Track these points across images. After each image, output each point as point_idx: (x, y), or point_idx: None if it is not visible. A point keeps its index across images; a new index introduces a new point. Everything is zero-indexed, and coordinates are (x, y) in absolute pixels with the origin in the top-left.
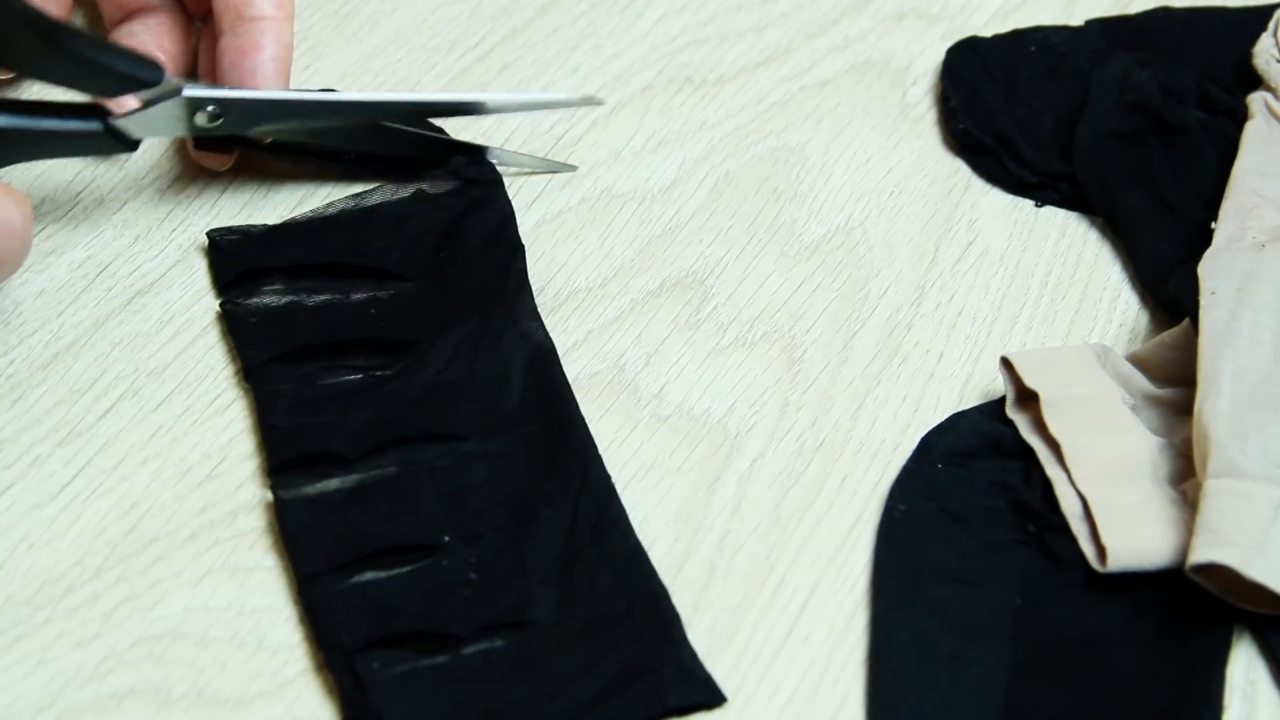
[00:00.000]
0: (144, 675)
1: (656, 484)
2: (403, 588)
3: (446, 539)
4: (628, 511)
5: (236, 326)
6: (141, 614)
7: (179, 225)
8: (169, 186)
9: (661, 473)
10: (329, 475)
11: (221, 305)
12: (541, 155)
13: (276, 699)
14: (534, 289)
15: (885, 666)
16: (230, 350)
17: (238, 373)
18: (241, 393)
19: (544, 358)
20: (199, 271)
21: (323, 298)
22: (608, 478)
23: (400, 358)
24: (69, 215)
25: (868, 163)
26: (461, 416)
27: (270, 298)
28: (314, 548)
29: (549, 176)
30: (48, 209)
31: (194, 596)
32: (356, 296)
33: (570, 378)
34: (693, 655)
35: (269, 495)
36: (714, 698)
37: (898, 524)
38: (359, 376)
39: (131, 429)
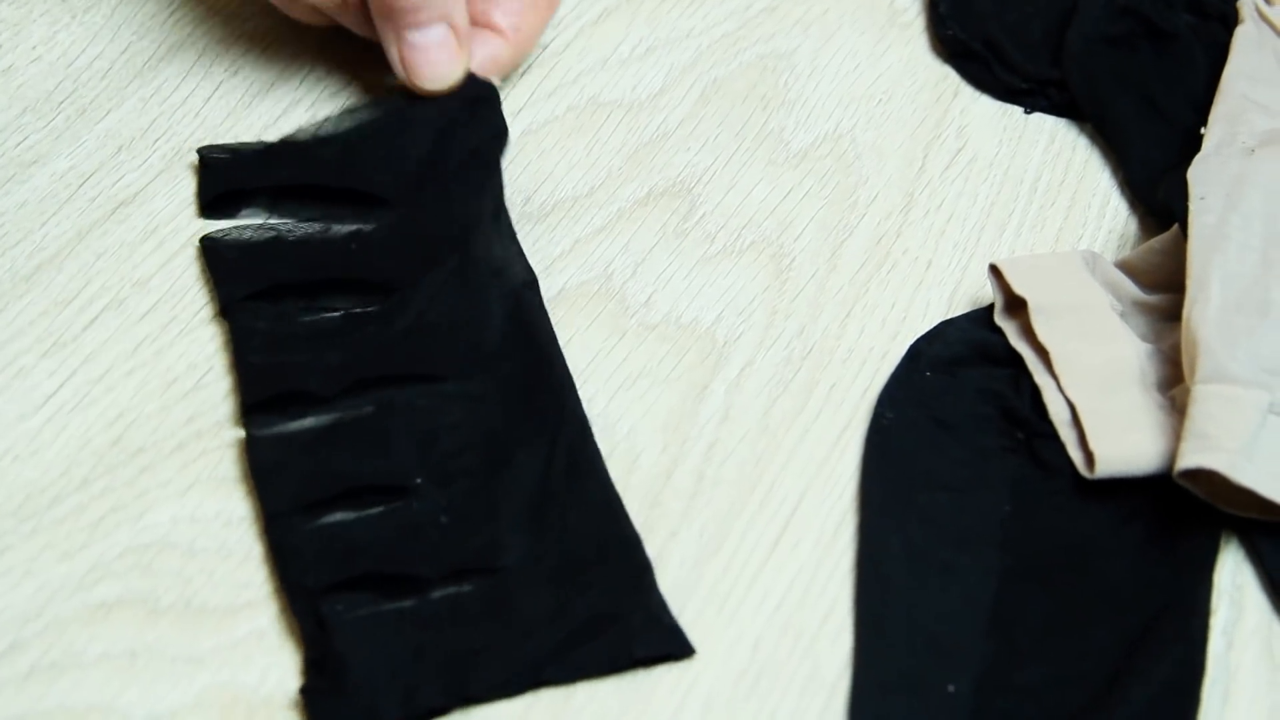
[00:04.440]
0: (131, 585)
1: (644, 393)
2: (371, 529)
3: (419, 480)
4: (616, 420)
5: (215, 261)
6: (129, 524)
7: (163, 135)
8: (152, 96)
9: (649, 381)
10: (303, 414)
11: (201, 240)
12: (527, 62)
13: (264, 608)
14: (521, 199)
15: (874, 573)
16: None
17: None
18: None
19: (524, 294)
20: (183, 181)
21: (305, 230)
22: (584, 418)
23: (381, 297)
24: (50, 125)
25: (856, 69)
26: (440, 357)
27: (250, 232)
28: (283, 486)
29: (535, 85)
30: (28, 119)
31: (181, 507)
32: (338, 230)
33: (557, 287)
34: (661, 604)
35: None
36: (682, 648)
37: (886, 431)
38: (338, 315)
39: (117, 340)
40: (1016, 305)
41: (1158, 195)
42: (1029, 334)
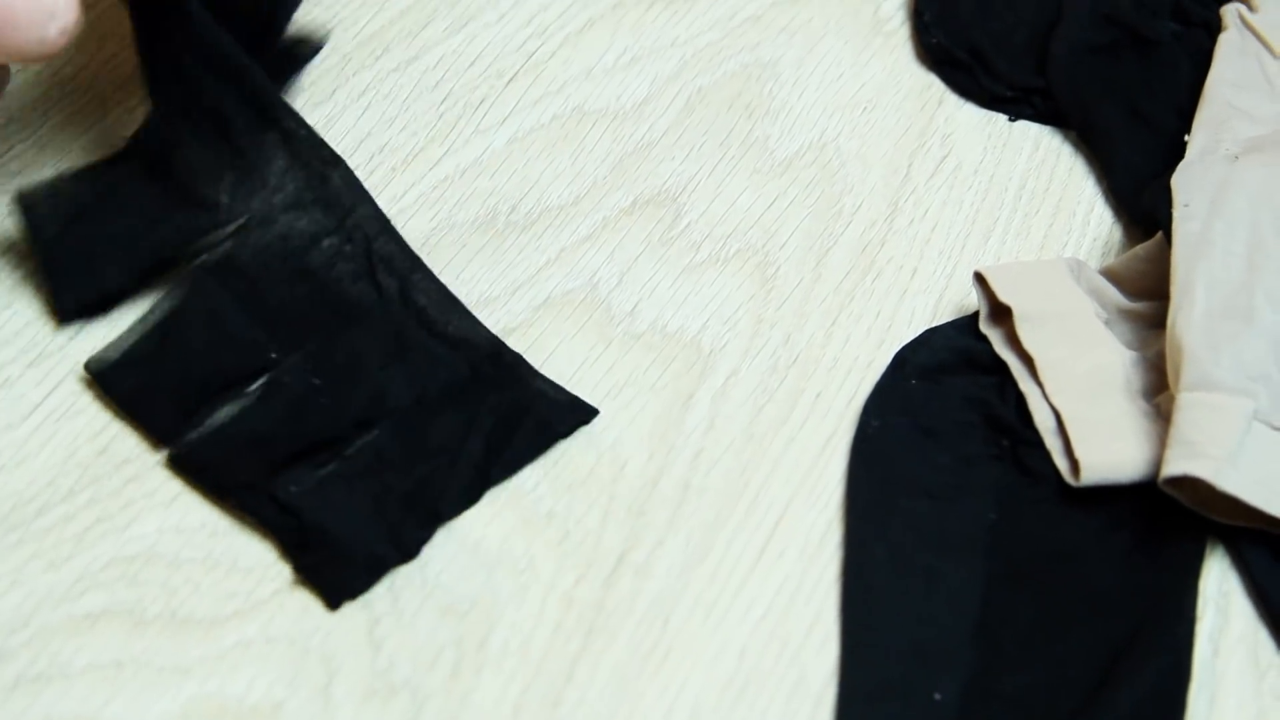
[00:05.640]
0: (118, 596)
1: (630, 402)
2: (262, 417)
3: (273, 355)
4: (603, 429)
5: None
6: (115, 535)
7: None
8: (137, 105)
9: (635, 390)
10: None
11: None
12: (512, 71)
13: (251, 618)
14: (507, 207)
15: (860, 581)
16: None
17: None
18: None
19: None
20: None
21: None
22: (396, 235)
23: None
24: (35, 136)
25: (840, 78)
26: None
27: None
28: (158, 409)
29: (520, 93)
30: (13, 129)
31: (167, 517)
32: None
33: (543, 296)
34: (552, 384)
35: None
36: (588, 412)
37: (872, 439)
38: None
39: (101, 348)
40: (1001, 313)
41: (1142, 202)
42: (1014, 341)
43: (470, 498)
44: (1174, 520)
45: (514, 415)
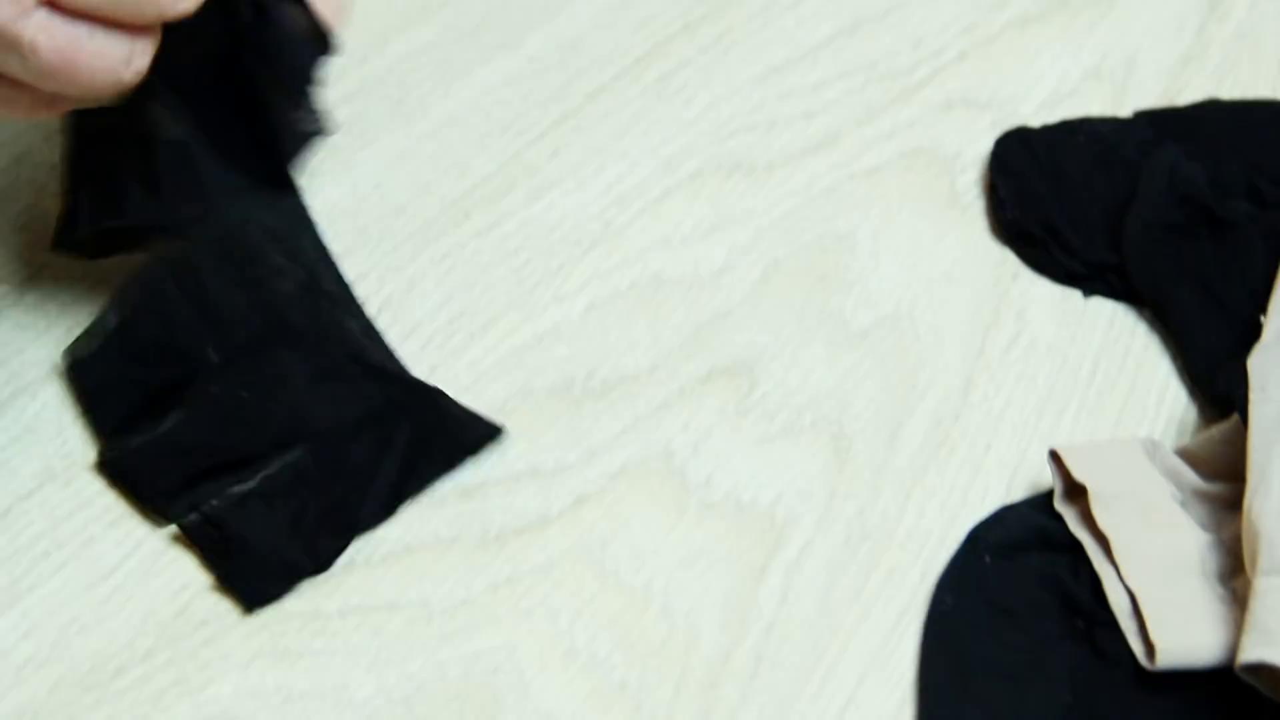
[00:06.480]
0: None
1: (703, 573)
2: (189, 426)
3: (213, 357)
4: (675, 599)
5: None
6: (190, 696)
7: None
8: None
9: (709, 561)
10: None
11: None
12: (590, 239)
13: None
14: (584, 374)
15: None
16: None
17: None
18: None
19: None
20: None
21: None
22: (334, 264)
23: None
24: None
25: (916, 251)
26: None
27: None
28: (110, 410)
29: (598, 262)
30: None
31: (243, 680)
32: None
33: (618, 465)
34: (459, 406)
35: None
36: (495, 430)
37: (945, 617)
38: None
39: None
40: (1076, 491)
41: (1217, 383)
42: (1089, 520)
43: (384, 513)
44: (1252, 707)
45: (425, 436)
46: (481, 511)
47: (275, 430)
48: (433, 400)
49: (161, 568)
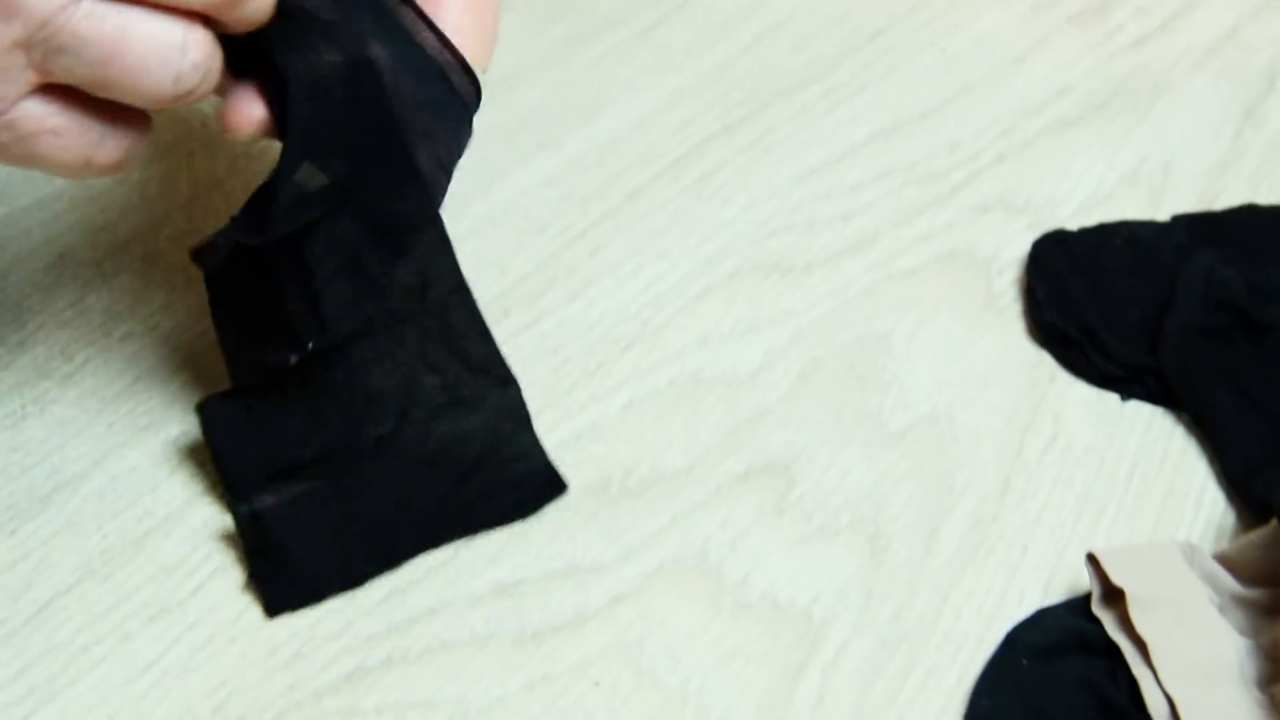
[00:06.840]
0: None
1: (739, 672)
2: (289, 413)
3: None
4: (711, 699)
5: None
6: None
7: None
8: None
9: (744, 661)
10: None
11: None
12: (628, 338)
13: None
14: (621, 473)
15: None
16: None
17: None
18: None
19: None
20: None
21: None
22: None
23: None
24: (167, 389)
25: (953, 353)
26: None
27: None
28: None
29: (637, 360)
30: (140, 387)
31: None
32: None
33: (655, 564)
34: (536, 444)
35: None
36: (557, 483)
37: None
38: None
39: (220, 606)
40: (1114, 595)
41: (1256, 488)
42: (1127, 624)
43: (425, 545)
44: None
45: (492, 490)
46: (518, 609)
47: (365, 428)
48: (524, 448)
49: (199, 664)
